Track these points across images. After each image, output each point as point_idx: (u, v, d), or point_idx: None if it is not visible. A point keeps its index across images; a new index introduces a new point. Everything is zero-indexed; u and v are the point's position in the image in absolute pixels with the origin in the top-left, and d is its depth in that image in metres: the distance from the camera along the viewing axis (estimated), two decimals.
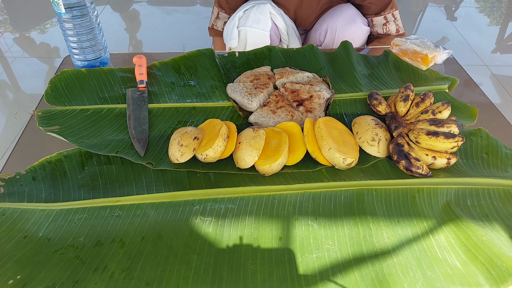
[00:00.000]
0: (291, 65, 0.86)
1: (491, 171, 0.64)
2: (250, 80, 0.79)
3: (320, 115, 0.73)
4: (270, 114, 0.72)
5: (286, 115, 0.72)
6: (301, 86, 0.77)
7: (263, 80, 0.79)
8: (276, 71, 0.83)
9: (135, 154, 0.65)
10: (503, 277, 0.48)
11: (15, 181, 0.60)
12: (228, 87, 0.78)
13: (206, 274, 0.49)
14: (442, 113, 0.68)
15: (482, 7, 2.87)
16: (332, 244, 0.53)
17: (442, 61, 0.89)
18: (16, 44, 2.27)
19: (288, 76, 0.80)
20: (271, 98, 0.75)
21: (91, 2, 0.79)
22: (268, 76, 0.81)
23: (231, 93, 0.77)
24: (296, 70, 0.83)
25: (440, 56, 0.87)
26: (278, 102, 0.74)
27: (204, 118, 0.74)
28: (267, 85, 0.78)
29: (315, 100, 0.74)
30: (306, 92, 0.76)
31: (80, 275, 0.49)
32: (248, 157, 0.61)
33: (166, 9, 2.66)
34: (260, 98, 0.75)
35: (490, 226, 0.55)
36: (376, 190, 0.60)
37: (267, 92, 0.77)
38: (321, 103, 0.75)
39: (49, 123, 0.70)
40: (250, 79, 0.79)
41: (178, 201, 0.58)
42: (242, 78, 0.81)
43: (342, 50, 0.90)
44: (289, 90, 0.76)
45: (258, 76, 0.80)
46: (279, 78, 0.80)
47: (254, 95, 0.74)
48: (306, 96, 0.75)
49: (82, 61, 0.85)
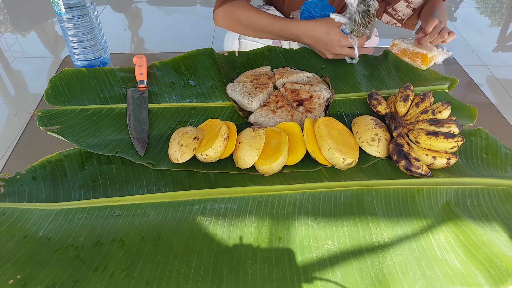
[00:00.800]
0: (291, 65, 0.86)
1: (491, 171, 0.64)
2: (250, 80, 0.79)
3: (320, 115, 0.73)
4: (270, 114, 0.72)
5: (286, 115, 0.72)
6: (301, 86, 0.77)
7: (263, 80, 0.79)
8: (276, 71, 0.83)
9: (135, 154, 0.65)
10: (503, 277, 0.48)
11: (15, 181, 0.60)
12: (228, 87, 0.78)
13: (206, 273, 0.49)
14: (442, 113, 0.68)
15: (482, 8, 2.87)
16: (332, 244, 0.53)
17: (441, 61, 0.89)
18: (16, 44, 2.27)
19: (288, 76, 0.80)
20: (271, 98, 0.75)
21: (91, 2, 0.79)
22: (268, 76, 0.81)
23: (231, 93, 0.77)
24: (296, 70, 0.83)
25: (440, 56, 0.88)
26: (278, 102, 0.74)
27: (204, 118, 0.74)
28: (267, 85, 0.78)
29: (315, 100, 0.75)
30: (306, 92, 0.76)
31: (80, 275, 0.49)
32: (248, 157, 0.61)
33: (166, 9, 2.67)
34: (260, 98, 0.75)
35: (489, 226, 0.55)
36: (376, 190, 0.60)
37: (267, 92, 0.77)
38: (321, 103, 0.75)
39: (49, 123, 0.70)
40: (250, 79, 0.79)
41: (178, 201, 0.59)
42: (242, 78, 0.81)
43: None
44: (289, 90, 0.76)
45: (258, 76, 0.80)
46: (279, 78, 0.80)
47: (254, 95, 0.74)
48: (306, 96, 0.75)
49: (82, 61, 0.85)
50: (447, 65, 0.92)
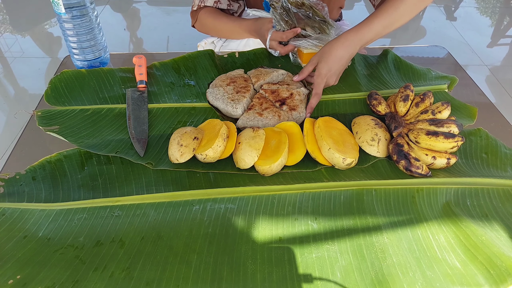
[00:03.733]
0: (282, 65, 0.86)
1: (491, 171, 0.64)
2: (226, 84, 0.77)
3: (304, 111, 0.73)
4: (257, 116, 0.71)
5: (273, 116, 0.71)
6: (278, 87, 0.77)
7: (240, 82, 0.78)
8: (251, 73, 0.82)
9: (135, 154, 0.65)
10: (503, 277, 0.48)
11: (15, 181, 0.60)
12: (208, 94, 0.76)
13: (206, 274, 0.49)
14: (442, 113, 0.68)
15: (481, 7, 2.87)
16: (331, 244, 0.53)
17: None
18: (15, 44, 2.27)
19: (264, 77, 0.79)
20: (255, 101, 0.74)
21: (91, 2, 0.79)
22: (244, 78, 0.80)
23: (213, 101, 0.75)
24: (270, 69, 0.83)
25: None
26: (262, 104, 0.73)
27: (204, 118, 0.74)
28: (247, 88, 0.77)
29: (296, 97, 0.75)
30: (285, 90, 0.76)
31: (80, 275, 0.49)
32: (248, 158, 0.61)
33: (166, 9, 2.67)
34: (244, 104, 0.73)
35: (489, 226, 0.55)
36: (376, 190, 0.60)
37: (249, 96, 0.76)
38: (302, 99, 0.75)
39: (49, 123, 0.70)
40: (227, 83, 0.78)
41: (178, 201, 0.59)
42: (217, 82, 0.79)
43: None
44: (269, 91, 0.76)
45: (234, 79, 0.79)
46: (256, 81, 0.79)
47: (237, 100, 0.73)
48: (286, 94, 0.75)
49: (82, 61, 0.85)
50: (447, 65, 0.92)
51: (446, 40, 2.38)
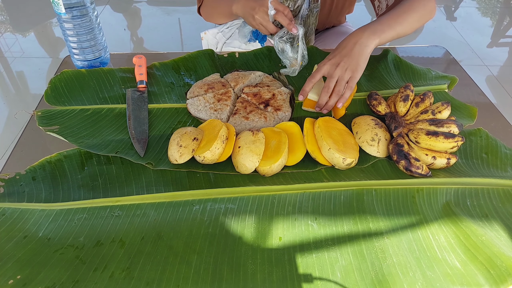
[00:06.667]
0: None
1: (491, 171, 0.64)
2: (204, 90, 0.76)
3: (289, 110, 0.73)
4: (244, 120, 0.70)
5: (259, 118, 0.71)
6: (259, 89, 0.77)
7: (218, 88, 0.77)
8: (227, 78, 0.81)
9: (135, 154, 0.65)
10: (503, 277, 0.48)
11: (15, 181, 0.60)
12: (190, 106, 0.73)
13: (206, 274, 0.49)
14: (442, 113, 0.68)
15: (481, 7, 2.87)
16: (331, 244, 0.53)
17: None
18: (16, 44, 2.27)
19: (243, 80, 0.79)
20: (238, 106, 0.74)
21: (91, 2, 0.79)
22: (221, 83, 0.78)
23: (196, 113, 0.72)
24: (247, 72, 0.82)
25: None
26: (247, 107, 0.73)
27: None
28: (227, 94, 0.75)
29: (278, 97, 0.74)
30: (267, 92, 0.76)
31: (80, 275, 0.49)
32: (249, 163, 0.61)
33: (166, 9, 2.67)
34: (227, 112, 0.72)
35: (489, 226, 0.55)
36: (376, 190, 0.60)
37: (231, 102, 0.75)
38: (285, 98, 0.75)
39: (49, 123, 0.70)
40: (204, 89, 0.76)
41: (178, 201, 0.59)
42: (195, 90, 0.77)
43: None
44: (251, 94, 0.76)
45: (212, 85, 0.77)
46: (235, 85, 0.78)
47: (220, 110, 0.72)
48: (268, 96, 0.75)
49: (82, 61, 0.85)
50: (447, 65, 0.92)
51: (446, 40, 2.38)
